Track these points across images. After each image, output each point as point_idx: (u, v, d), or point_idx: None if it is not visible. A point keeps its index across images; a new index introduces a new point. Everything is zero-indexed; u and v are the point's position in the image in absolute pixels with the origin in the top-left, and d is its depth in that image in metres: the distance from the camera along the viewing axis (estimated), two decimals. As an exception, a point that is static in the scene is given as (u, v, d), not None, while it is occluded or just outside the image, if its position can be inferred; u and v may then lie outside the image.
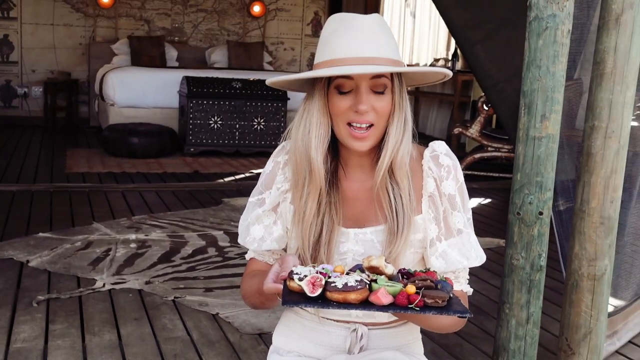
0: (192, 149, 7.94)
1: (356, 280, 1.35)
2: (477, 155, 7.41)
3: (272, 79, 1.65)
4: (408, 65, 1.75)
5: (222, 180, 6.65)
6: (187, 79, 7.96)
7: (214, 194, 5.93)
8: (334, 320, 1.71)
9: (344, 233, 1.66)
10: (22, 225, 4.63)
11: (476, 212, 5.84)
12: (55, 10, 10.34)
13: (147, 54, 9.91)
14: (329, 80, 1.57)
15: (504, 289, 2.47)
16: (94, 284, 3.53)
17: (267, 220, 1.73)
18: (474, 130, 7.35)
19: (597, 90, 2.43)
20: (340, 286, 1.33)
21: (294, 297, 1.34)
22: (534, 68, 2.32)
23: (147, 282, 3.59)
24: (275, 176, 1.72)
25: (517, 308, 2.43)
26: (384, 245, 1.64)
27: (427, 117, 10.27)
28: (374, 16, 1.58)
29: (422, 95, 10.17)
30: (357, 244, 1.66)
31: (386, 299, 1.33)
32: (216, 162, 7.64)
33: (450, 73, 1.69)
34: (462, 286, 1.71)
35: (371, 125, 1.57)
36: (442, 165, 1.67)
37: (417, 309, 1.33)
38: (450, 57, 9.44)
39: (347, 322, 1.70)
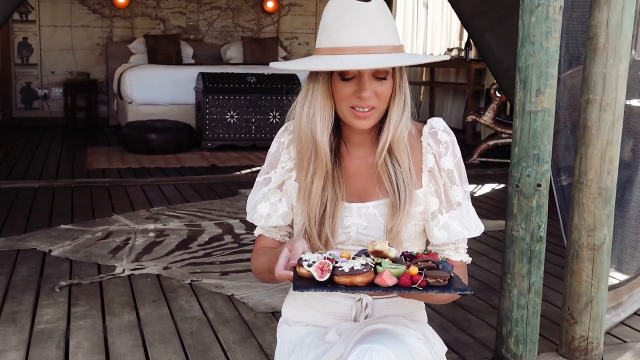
0: (209, 144, 8.06)
1: (362, 264, 1.42)
2: (491, 142, 7.47)
3: (276, 64, 1.73)
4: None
5: (239, 173, 6.76)
6: (203, 75, 8.09)
7: (230, 186, 6.05)
8: (340, 292, 1.80)
9: (347, 208, 1.73)
10: (44, 218, 4.77)
11: (490, 197, 5.91)
12: (73, 12, 10.53)
13: (163, 52, 10.06)
14: None
15: (506, 260, 2.55)
16: (114, 270, 3.65)
17: (273, 197, 1.81)
18: (487, 118, 7.40)
19: (591, 64, 2.50)
20: (347, 270, 1.40)
21: (304, 283, 1.42)
22: (527, 44, 2.40)
23: (165, 268, 3.71)
24: (280, 156, 1.81)
25: (518, 278, 2.51)
26: (386, 218, 1.72)
27: (442, 107, 10.32)
28: (374, 1, 1.62)
29: (437, 85, 10.23)
30: (361, 218, 1.73)
31: (391, 281, 1.41)
32: (233, 155, 7.76)
33: (448, 58, 1.77)
34: (461, 256, 1.79)
35: (373, 108, 1.64)
36: (441, 142, 1.74)
37: (420, 288, 1.41)
38: (463, 47, 9.48)
39: (353, 292, 1.79)
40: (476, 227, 1.76)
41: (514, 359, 2.55)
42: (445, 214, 1.74)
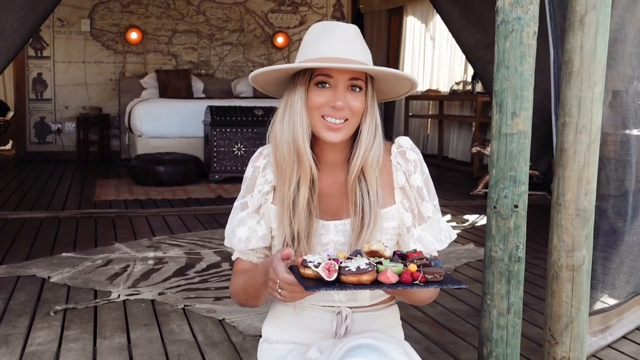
0: (216, 176, 8.15)
1: (366, 264, 1.49)
2: (496, 174, 7.47)
3: (256, 72, 1.78)
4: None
5: (243, 204, 6.79)
6: (211, 108, 8.20)
7: (234, 216, 6.08)
8: (320, 306, 1.84)
9: (324, 225, 1.80)
10: (47, 247, 4.84)
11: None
12: (87, 48, 10.74)
13: (174, 86, 10.21)
14: (310, 77, 1.72)
15: (485, 280, 2.58)
16: (109, 296, 3.70)
17: (251, 221, 1.87)
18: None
19: (567, 88, 2.55)
20: (354, 269, 1.48)
21: (312, 283, 1.48)
22: (502, 69, 2.46)
23: (160, 293, 3.76)
24: (256, 179, 1.88)
25: (497, 298, 2.53)
26: (351, 236, 1.78)
27: (448, 140, 10.37)
28: (352, 26, 1.77)
29: (444, 118, 10.29)
30: (338, 235, 1.80)
31: (394, 278, 1.48)
32: (240, 187, 7.78)
33: (417, 83, 1.85)
34: None
35: (345, 120, 1.72)
36: (409, 160, 1.83)
37: (421, 284, 1.49)
38: (469, 80, 9.56)
39: (332, 306, 1.84)
40: (446, 238, 1.86)
41: (495, 380, 2.56)
42: (419, 227, 1.83)
